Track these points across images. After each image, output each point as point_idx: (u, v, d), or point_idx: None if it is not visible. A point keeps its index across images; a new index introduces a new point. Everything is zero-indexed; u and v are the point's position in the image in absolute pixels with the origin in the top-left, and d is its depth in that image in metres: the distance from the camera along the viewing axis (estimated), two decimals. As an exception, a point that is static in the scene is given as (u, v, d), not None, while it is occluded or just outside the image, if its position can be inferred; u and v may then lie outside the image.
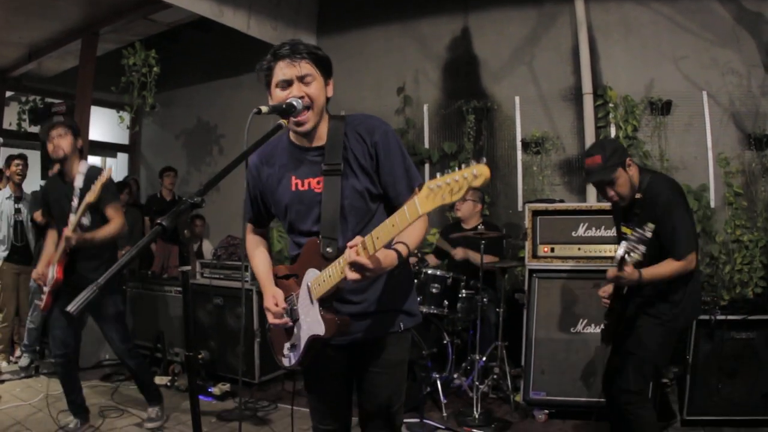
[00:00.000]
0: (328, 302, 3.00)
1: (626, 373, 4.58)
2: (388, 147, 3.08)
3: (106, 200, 5.80)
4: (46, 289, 5.91)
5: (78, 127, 6.28)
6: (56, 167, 7.21)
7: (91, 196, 5.50)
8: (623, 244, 4.25)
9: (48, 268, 5.92)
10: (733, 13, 7.82)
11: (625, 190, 4.56)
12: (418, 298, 6.80)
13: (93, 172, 5.85)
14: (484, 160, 2.26)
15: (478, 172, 2.23)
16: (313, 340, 3.05)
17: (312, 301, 3.02)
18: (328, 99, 3.18)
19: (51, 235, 6.25)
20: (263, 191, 3.37)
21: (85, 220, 5.80)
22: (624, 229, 4.75)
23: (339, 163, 3.08)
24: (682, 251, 4.38)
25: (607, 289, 4.79)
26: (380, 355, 3.24)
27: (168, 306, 8.41)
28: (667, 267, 4.42)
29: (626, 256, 4.20)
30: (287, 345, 3.23)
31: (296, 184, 3.19)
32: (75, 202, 5.70)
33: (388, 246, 2.77)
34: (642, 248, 4.14)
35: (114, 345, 6.20)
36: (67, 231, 5.58)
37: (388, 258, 2.82)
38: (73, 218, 5.62)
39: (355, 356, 3.29)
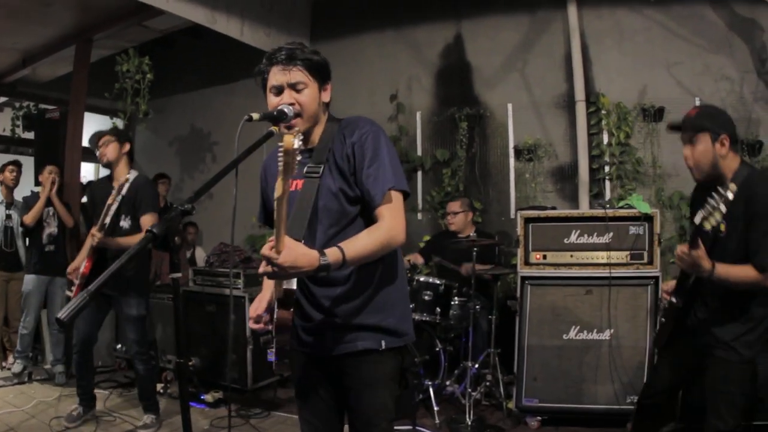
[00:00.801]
0: (284, 302, 2.97)
1: (720, 413, 4.12)
2: (363, 148, 3.02)
3: (143, 208, 6.23)
4: (76, 281, 6.30)
5: (125, 133, 6.90)
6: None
7: (111, 199, 5.99)
8: (700, 211, 3.68)
9: (80, 265, 6.32)
10: (726, 20, 7.83)
11: (703, 162, 4.13)
12: (410, 305, 6.82)
13: (139, 180, 6.39)
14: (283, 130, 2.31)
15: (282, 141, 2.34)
16: (278, 341, 3.05)
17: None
18: (326, 104, 3.19)
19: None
20: (268, 193, 3.38)
21: (125, 224, 6.27)
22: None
23: (321, 165, 3.07)
24: (766, 262, 3.84)
25: (669, 285, 4.49)
26: (360, 372, 3.17)
27: (161, 313, 8.39)
28: (744, 272, 3.89)
29: (705, 220, 3.64)
30: (269, 348, 3.24)
31: None
32: (115, 206, 6.17)
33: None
34: (723, 209, 3.56)
35: (130, 345, 6.54)
36: (94, 229, 6.07)
37: (301, 258, 2.62)
38: (95, 226, 6.09)
39: (337, 373, 3.24)
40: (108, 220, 6.10)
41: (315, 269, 2.67)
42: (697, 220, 3.73)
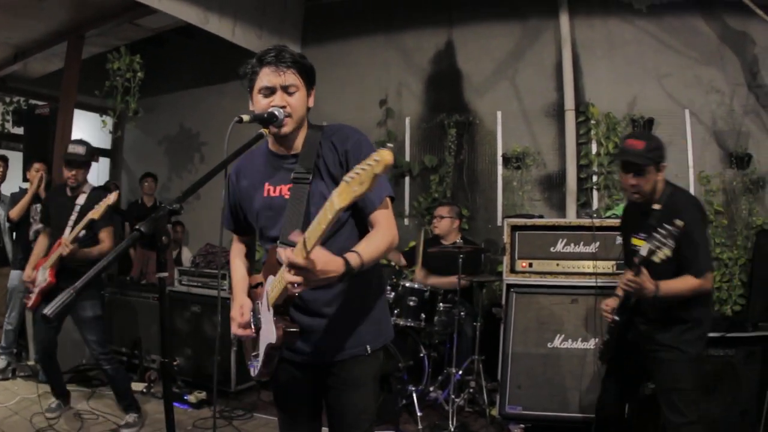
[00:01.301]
0: (282, 309, 2.96)
1: (677, 409, 4.43)
2: (359, 156, 2.96)
3: (103, 223, 6.23)
4: (35, 289, 6.31)
5: (94, 154, 6.94)
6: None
7: (95, 214, 5.83)
8: (646, 243, 4.10)
9: (35, 271, 6.38)
10: (718, 32, 7.87)
11: (647, 189, 4.50)
12: (396, 311, 6.85)
13: (96, 194, 6.43)
14: (389, 145, 2.26)
15: (380, 157, 2.19)
16: (270, 349, 3.02)
17: (269, 308, 3.01)
18: (308, 109, 3.18)
19: (42, 241, 6.72)
20: (241, 198, 3.36)
21: (81, 234, 6.13)
22: (635, 241, 4.66)
23: (309, 171, 3.07)
24: (701, 268, 4.28)
25: (611, 303, 4.75)
26: (345, 375, 3.19)
27: (146, 312, 8.37)
28: (686, 283, 4.28)
29: (653, 254, 4.04)
30: (252, 354, 3.23)
31: (268, 191, 3.19)
32: (74, 216, 6.27)
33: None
34: (671, 243, 3.95)
35: (91, 348, 6.47)
36: (65, 241, 6.00)
37: (331, 263, 2.61)
38: (72, 231, 6.07)
39: (320, 375, 3.25)
40: (79, 233, 6.13)
41: (341, 275, 2.66)
42: (644, 252, 4.11)
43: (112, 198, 5.79)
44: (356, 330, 3.18)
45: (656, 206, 4.47)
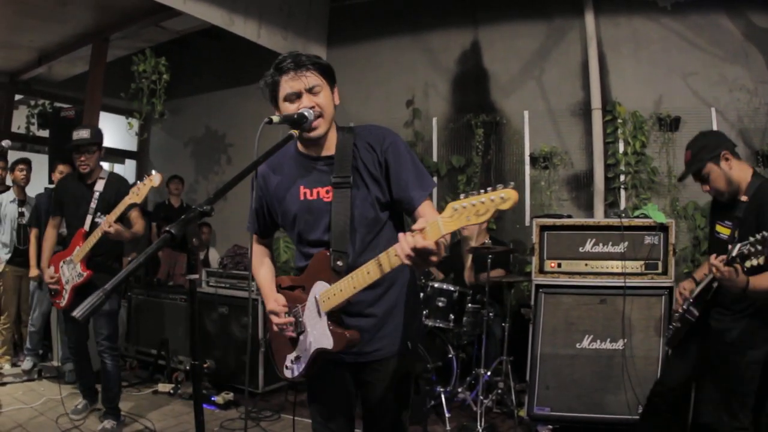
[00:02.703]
0: (335, 316, 2.98)
1: (732, 411, 4.37)
2: (398, 153, 3.06)
3: (136, 204, 5.91)
4: (66, 287, 6.17)
5: (101, 135, 6.62)
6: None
7: (136, 198, 5.64)
8: (738, 245, 3.81)
9: (51, 268, 6.32)
10: (742, 29, 7.81)
11: (720, 185, 4.47)
12: (425, 312, 6.84)
13: (116, 179, 6.46)
14: (512, 184, 2.24)
15: (507, 195, 2.21)
16: (320, 353, 3.04)
17: (320, 314, 3.01)
18: (335, 107, 3.17)
19: (51, 236, 6.64)
20: (270, 201, 3.36)
21: (99, 220, 6.03)
22: (719, 228, 4.61)
23: (349, 175, 3.06)
24: None
25: (687, 285, 4.74)
26: (385, 370, 3.22)
27: (173, 313, 8.41)
28: None
29: (741, 259, 3.77)
30: (291, 357, 3.23)
31: (305, 194, 3.17)
32: (94, 204, 6.17)
33: None
34: (766, 251, 3.64)
35: (100, 339, 6.30)
36: (110, 219, 5.70)
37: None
38: (111, 213, 5.76)
39: (358, 372, 3.28)
40: (98, 218, 6.08)
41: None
42: (734, 252, 3.82)
43: (157, 180, 5.62)
44: (397, 328, 3.21)
45: (743, 198, 4.37)
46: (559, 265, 6.66)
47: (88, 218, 6.11)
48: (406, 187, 3.06)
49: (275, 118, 2.85)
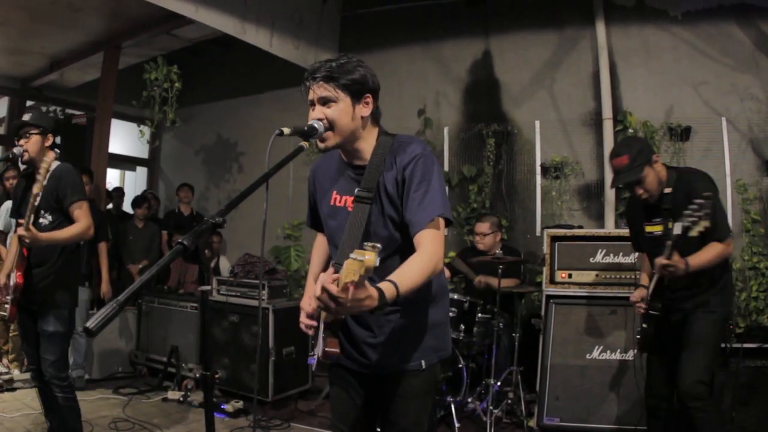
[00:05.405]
0: (334, 326, 2.91)
1: (696, 365, 4.55)
2: (413, 174, 2.96)
3: (69, 198, 5.16)
4: (8, 297, 5.07)
5: (51, 121, 5.80)
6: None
7: (37, 187, 4.81)
8: (679, 223, 4.20)
9: (7, 277, 5.11)
10: (753, 39, 7.81)
11: (654, 187, 4.65)
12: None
13: (59, 170, 5.25)
14: (379, 247, 2.24)
15: (361, 257, 2.27)
16: (318, 356, 3.05)
17: (321, 322, 3.01)
18: (371, 117, 3.20)
19: (15, 241, 5.23)
20: (316, 198, 3.40)
21: (44, 220, 5.16)
22: (649, 229, 4.84)
23: (373, 189, 3.02)
24: (724, 233, 4.50)
25: (639, 294, 4.88)
26: (399, 386, 3.18)
27: (183, 322, 8.42)
28: (712, 251, 4.48)
29: (688, 230, 4.14)
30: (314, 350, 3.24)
31: (335, 199, 3.20)
32: (37, 201, 4.92)
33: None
34: (707, 214, 4.08)
35: (45, 366, 5.22)
36: (20, 229, 4.78)
37: (364, 292, 2.45)
38: (30, 215, 4.85)
39: (374, 384, 3.27)
40: (42, 219, 5.11)
41: (374, 308, 2.53)
42: (678, 230, 4.20)
43: (50, 158, 4.94)
44: (411, 344, 3.17)
45: (667, 190, 4.70)
46: (570, 276, 6.67)
47: (28, 219, 4.84)
48: (408, 209, 2.96)
49: (286, 130, 2.83)
